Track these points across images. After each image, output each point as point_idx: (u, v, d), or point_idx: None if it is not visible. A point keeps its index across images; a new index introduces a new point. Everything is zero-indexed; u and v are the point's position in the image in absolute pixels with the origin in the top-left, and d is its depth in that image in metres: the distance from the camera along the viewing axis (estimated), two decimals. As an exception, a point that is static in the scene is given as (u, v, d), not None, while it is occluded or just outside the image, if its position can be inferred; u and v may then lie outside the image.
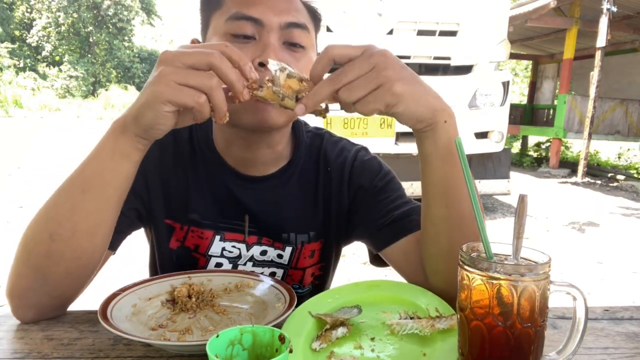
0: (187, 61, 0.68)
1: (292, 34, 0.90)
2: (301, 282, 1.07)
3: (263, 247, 1.04)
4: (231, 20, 0.89)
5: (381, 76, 0.70)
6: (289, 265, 1.05)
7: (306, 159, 1.07)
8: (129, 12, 31.97)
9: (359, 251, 4.08)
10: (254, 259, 1.03)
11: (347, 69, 0.71)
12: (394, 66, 0.71)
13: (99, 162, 0.76)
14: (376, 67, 0.70)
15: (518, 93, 23.66)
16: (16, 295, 0.80)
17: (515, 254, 0.62)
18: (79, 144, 11.32)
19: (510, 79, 5.72)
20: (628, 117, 11.07)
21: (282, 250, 1.04)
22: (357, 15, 4.94)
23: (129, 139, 0.74)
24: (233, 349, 0.59)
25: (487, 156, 5.76)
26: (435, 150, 0.79)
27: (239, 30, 0.88)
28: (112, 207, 0.79)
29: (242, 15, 0.88)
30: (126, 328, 0.73)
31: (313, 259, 1.06)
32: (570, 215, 6.29)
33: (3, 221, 5.01)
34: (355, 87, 0.70)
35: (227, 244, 1.02)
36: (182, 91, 0.68)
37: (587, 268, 4.25)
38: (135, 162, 0.77)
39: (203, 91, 0.68)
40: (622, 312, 0.90)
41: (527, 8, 9.24)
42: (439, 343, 0.72)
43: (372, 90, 0.70)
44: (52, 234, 0.76)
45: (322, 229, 1.06)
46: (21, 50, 30.18)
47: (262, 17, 0.88)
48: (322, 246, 1.07)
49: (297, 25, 0.90)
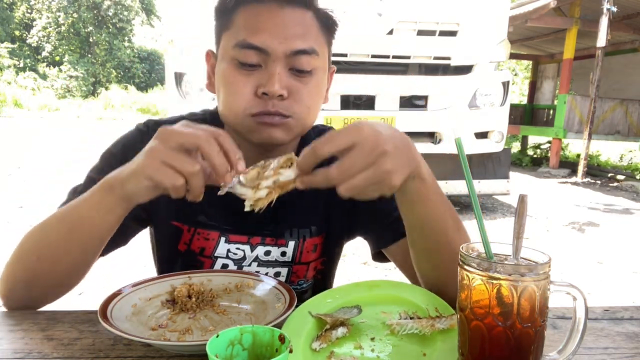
0: (178, 140, 0.72)
1: (298, 61, 0.91)
2: (305, 277, 1.09)
3: (267, 247, 1.04)
4: (238, 47, 0.90)
5: (381, 172, 0.68)
6: (292, 261, 1.06)
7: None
8: (129, 12, 31.96)
9: (358, 251, 4.08)
10: (258, 259, 1.04)
11: (347, 167, 0.68)
12: (390, 152, 0.69)
13: (86, 210, 0.81)
14: (376, 163, 0.68)
15: (518, 93, 23.66)
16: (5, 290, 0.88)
17: (515, 254, 0.62)
18: (79, 144, 11.33)
19: (510, 79, 5.72)
20: (628, 117, 11.06)
21: (285, 247, 1.05)
22: (357, 15, 4.94)
23: (115, 198, 0.78)
24: (233, 349, 0.59)
25: (487, 156, 5.76)
26: (407, 200, 0.81)
27: (245, 59, 0.90)
28: (93, 248, 0.85)
29: (247, 44, 0.89)
30: (126, 328, 0.73)
31: (315, 253, 1.08)
32: (570, 215, 6.29)
33: (3, 221, 5.01)
34: (356, 186, 0.68)
35: (231, 246, 1.03)
36: (163, 171, 0.71)
37: (587, 268, 4.25)
38: (120, 216, 0.81)
39: (183, 175, 0.71)
40: (622, 312, 0.90)
41: (527, 8, 9.24)
42: (439, 343, 0.72)
43: (371, 184, 0.69)
44: (40, 256, 0.84)
45: (323, 223, 1.07)
46: (21, 50, 30.16)
47: (268, 46, 0.88)
48: (323, 240, 1.08)
49: (303, 52, 0.90)
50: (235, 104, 0.92)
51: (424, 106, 5.46)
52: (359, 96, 5.30)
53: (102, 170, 0.98)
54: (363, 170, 0.68)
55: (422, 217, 0.83)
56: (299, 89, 0.91)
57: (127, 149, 1.00)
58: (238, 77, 0.91)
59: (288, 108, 0.91)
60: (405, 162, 0.72)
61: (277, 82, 0.88)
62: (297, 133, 0.96)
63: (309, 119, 0.97)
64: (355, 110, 5.30)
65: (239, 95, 0.91)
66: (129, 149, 1.00)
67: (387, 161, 0.68)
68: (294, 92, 0.91)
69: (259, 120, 0.91)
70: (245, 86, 0.91)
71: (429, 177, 0.80)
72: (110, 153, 1.03)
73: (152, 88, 32.58)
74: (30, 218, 4.85)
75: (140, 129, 1.05)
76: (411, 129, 5.39)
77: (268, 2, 0.90)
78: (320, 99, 0.99)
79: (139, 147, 0.99)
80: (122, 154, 1.00)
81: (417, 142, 5.45)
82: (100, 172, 0.97)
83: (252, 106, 0.91)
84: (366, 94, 5.29)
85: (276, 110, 0.90)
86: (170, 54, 5.06)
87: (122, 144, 1.03)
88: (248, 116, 0.91)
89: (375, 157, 0.68)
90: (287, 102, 0.91)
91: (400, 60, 5.28)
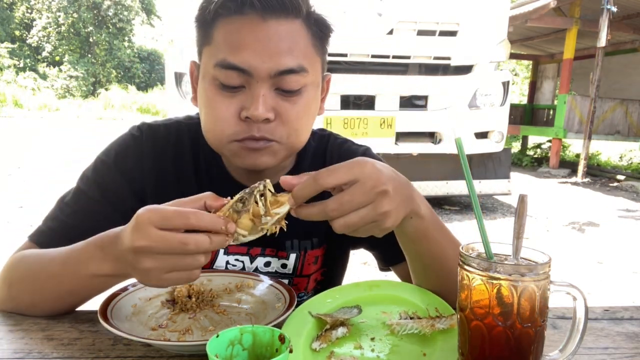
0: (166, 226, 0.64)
1: (284, 82, 0.84)
2: (306, 290, 1.06)
3: (267, 258, 1.02)
4: (219, 67, 0.83)
5: (378, 213, 0.67)
6: (293, 273, 1.04)
7: (311, 162, 1.05)
8: (129, 12, 31.94)
9: (358, 251, 4.07)
10: (258, 271, 1.02)
11: (345, 201, 0.65)
12: (390, 193, 0.67)
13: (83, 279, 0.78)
14: (375, 202, 0.66)
15: (518, 93, 23.66)
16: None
17: (515, 254, 0.62)
18: (79, 144, 11.33)
19: (510, 79, 5.72)
20: (628, 117, 11.06)
21: (286, 259, 1.02)
22: (357, 15, 4.94)
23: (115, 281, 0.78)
24: (233, 349, 0.59)
25: (487, 156, 5.76)
26: (405, 237, 0.81)
27: (227, 80, 0.83)
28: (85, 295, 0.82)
29: (228, 64, 0.82)
30: (126, 328, 0.73)
31: (316, 265, 1.05)
32: (570, 215, 6.29)
33: (3, 221, 5.01)
34: (351, 224, 0.66)
35: (230, 257, 1.01)
36: (176, 278, 0.67)
37: (587, 268, 4.25)
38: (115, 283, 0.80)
39: (195, 268, 0.67)
40: (622, 312, 0.90)
41: (527, 8, 9.24)
42: (439, 343, 0.72)
43: (366, 223, 0.67)
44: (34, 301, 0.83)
45: (325, 235, 1.04)
46: (21, 50, 30.15)
47: (250, 65, 0.81)
48: (325, 252, 1.06)
49: (290, 72, 0.83)
50: (218, 130, 0.87)
51: (424, 106, 5.46)
52: (359, 96, 5.30)
53: (94, 183, 0.96)
54: (360, 208, 0.66)
55: (420, 252, 0.82)
56: (286, 109, 0.85)
57: (120, 158, 0.97)
58: (220, 100, 0.85)
59: (274, 132, 0.86)
60: (403, 204, 0.70)
61: (262, 105, 0.82)
62: (284, 156, 0.91)
63: (297, 141, 0.91)
64: (355, 110, 5.31)
65: (221, 120, 0.85)
66: (122, 158, 0.97)
67: (385, 202, 0.67)
68: (281, 113, 0.85)
69: (242, 145, 0.86)
70: (227, 110, 0.85)
71: (429, 214, 0.78)
72: (104, 163, 0.98)
73: (152, 88, 32.57)
74: (30, 218, 4.85)
75: (133, 134, 1.00)
76: (411, 129, 5.41)
77: (250, 14, 0.82)
78: (312, 117, 0.93)
79: (132, 156, 0.98)
80: (115, 165, 0.96)
81: (417, 142, 5.48)
82: (92, 185, 0.95)
83: (236, 132, 0.85)
84: (366, 94, 5.29)
85: (262, 136, 0.85)
86: (170, 54, 5.06)
87: (114, 152, 0.98)
88: (232, 142, 0.87)
89: (374, 195, 0.66)
90: (273, 125, 0.85)
91: (400, 60, 5.28)
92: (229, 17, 0.83)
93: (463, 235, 0.92)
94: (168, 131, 1.02)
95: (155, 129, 1.02)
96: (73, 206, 0.94)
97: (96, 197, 0.94)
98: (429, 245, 0.80)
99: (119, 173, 0.96)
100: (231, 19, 0.83)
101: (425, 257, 0.83)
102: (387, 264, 1.06)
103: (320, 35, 0.90)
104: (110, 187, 0.95)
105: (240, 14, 0.82)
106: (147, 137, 1.00)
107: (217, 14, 0.84)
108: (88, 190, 0.95)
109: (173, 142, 1.01)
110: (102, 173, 0.97)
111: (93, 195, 0.95)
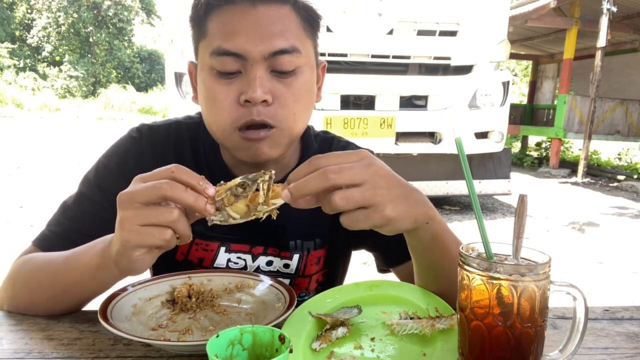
0: (141, 200, 0.67)
1: (279, 62, 0.86)
2: (307, 290, 1.07)
3: (269, 257, 1.02)
4: (214, 55, 0.86)
5: (376, 194, 0.66)
6: (296, 274, 1.04)
7: None
8: (129, 12, 31.96)
9: (359, 251, 4.07)
10: (260, 269, 1.02)
11: (344, 170, 0.66)
12: (388, 184, 0.68)
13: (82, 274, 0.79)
14: (372, 183, 0.67)
15: (518, 93, 23.66)
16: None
17: (515, 254, 0.62)
18: (79, 144, 11.32)
19: (510, 79, 5.72)
20: (628, 117, 11.07)
21: (289, 260, 1.02)
22: (357, 15, 4.94)
23: (114, 277, 0.77)
24: (233, 349, 0.59)
25: (487, 156, 5.77)
26: (419, 244, 0.80)
27: (223, 67, 0.86)
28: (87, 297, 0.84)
29: (223, 51, 0.85)
30: (126, 328, 0.73)
31: (318, 265, 1.06)
32: (570, 215, 6.29)
33: (3, 221, 5.01)
34: (350, 197, 0.65)
35: (232, 255, 1.01)
36: (147, 232, 0.67)
37: (587, 268, 4.25)
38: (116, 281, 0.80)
39: (167, 226, 0.67)
40: (622, 312, 0.90)
41: (527, 8, 9.24)
42: (439, 343, 0.72)
43: (363, 207, 0.67)
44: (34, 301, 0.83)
45: (328, 236, 1.04)
46: (21, 50, 30.16)
47: (244, 50, 0.84)
48: (326, 253, 1.06)
49: (283, 52, 0.85)
50: (221, 118, 0.88)
51: (424, 106, 5.46)
52: (359, 96, 5.30)
53: (96, 186, 0.96)
54: (359, 184, 0.66)
55: (433, 259, 0.82)
56: (283, 92, 0.87)
57: (122, 161, 0.98)
58: (218, 88, 0.87)
59: (274, 115, 0.87)
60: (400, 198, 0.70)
61: (259, 87, 0.84)
62: (285, 145, 0.92)
63: (295, 126, 0.92)
64: (355, 110, 5.31)
65: (222, 107, 0.87)
66: (123, 160, 0.98)
67: (383, 189, 0.67)
68: (278, 95, 0.87)
69: (243, 135, 0.88)
70: (227, 97, 0.87)
71: (441, 219, 0.79)
72: (105, 166, 0.98)
73: (152, 88, 32.60)
74: (30, 218, 4.86)
75: (133, 136, 1.01)
76: (411, 129, 5.41)
77: (240, 3, 0.85)
78: (309, 100, 0.94)
79: (133, 158, 0.98)
80: (116, 167, 0.97)
81: (417, 142, 5.49)
82: (94, 188, 0.96)
83: (237, 117, 0.87)
84: (366, 94, 5.29)
85: (262, 120, 0.86)
86: (170, 54, 5.06)
87: (115, 155, 0.99)
88: (235, 130, 0.88)
89: (373, 177, 0.67)
90: (272, 108, 0.87)
91: (400, 60, 5.28)
92: (221, 8, 0.86)
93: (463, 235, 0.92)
94: (168, 132, 1.02)
95: (154, 130, 1.02)
96: (76, 210, 0.95)
97: (98, 200, 0.95)
98: (442, 252, 0.80)
99: (120, 175, 0.96)
100: (223, 10, 0.86)
101: (438, 263, 0.82)
102: (388, 265, 1.06)
103: (310, 19, 0.92)
104: (112, 190, 0.95)
105: (232, 3, 0.86)
106: (147, 139, 1.01)
107: (209, 7, 0.87)
108: (90, 193, 0.96)
109: (173, 142, 1.02)
110: (103, 176, 0.97)
111: (95, 198, 0.95)
